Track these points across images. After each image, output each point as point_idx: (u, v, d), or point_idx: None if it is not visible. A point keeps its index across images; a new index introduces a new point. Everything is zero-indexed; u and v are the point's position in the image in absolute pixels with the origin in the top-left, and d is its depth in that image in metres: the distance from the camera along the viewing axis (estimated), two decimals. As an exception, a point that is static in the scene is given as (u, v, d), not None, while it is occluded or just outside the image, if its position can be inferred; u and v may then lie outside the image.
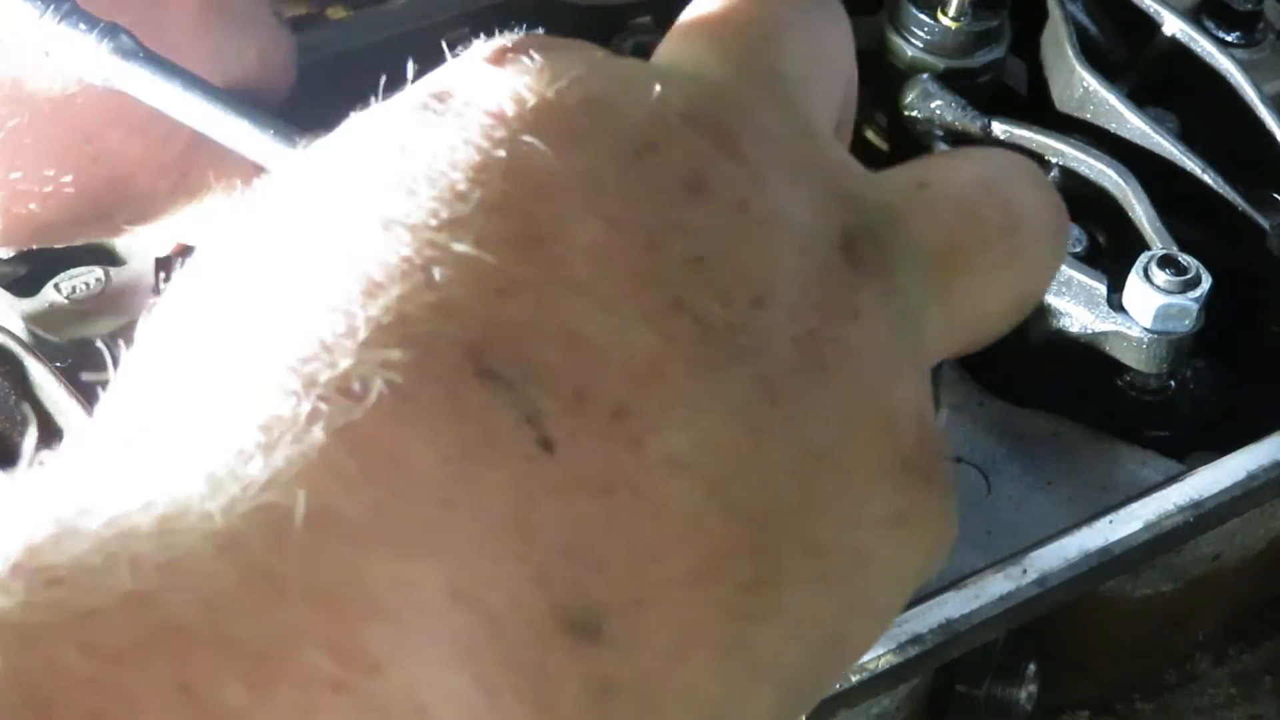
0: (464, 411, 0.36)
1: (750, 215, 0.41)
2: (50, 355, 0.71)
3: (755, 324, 0.40)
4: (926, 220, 0.44)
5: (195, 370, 0.38)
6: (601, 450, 0.37)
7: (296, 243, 0.39)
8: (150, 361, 0.39)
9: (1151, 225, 0.82)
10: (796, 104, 0.45)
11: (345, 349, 0.36)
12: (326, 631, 0.32)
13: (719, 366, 0.39)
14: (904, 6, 0.89)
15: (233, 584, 0.32)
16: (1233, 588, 0.86)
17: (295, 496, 0.34)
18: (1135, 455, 0.84)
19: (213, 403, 0.36)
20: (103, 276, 0.79)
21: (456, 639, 0.34)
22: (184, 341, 0.39)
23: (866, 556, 0.41)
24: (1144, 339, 0.79)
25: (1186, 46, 0.91)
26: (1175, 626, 0.86)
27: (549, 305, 0.38)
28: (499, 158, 0.40)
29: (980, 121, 0.87)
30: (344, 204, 0.40)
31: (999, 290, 0.46)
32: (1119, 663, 0.86)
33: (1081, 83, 0.88)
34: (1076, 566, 0.74)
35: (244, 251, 0.41)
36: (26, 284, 0.80)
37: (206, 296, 0.40)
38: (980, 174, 0.47)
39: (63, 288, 0.79)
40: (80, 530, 0.33)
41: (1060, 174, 0.87)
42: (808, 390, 0.40)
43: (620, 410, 0.38)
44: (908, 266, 0.43)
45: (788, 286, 0.41)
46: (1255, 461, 0.78)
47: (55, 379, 0.69)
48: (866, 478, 0.41)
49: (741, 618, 0.39)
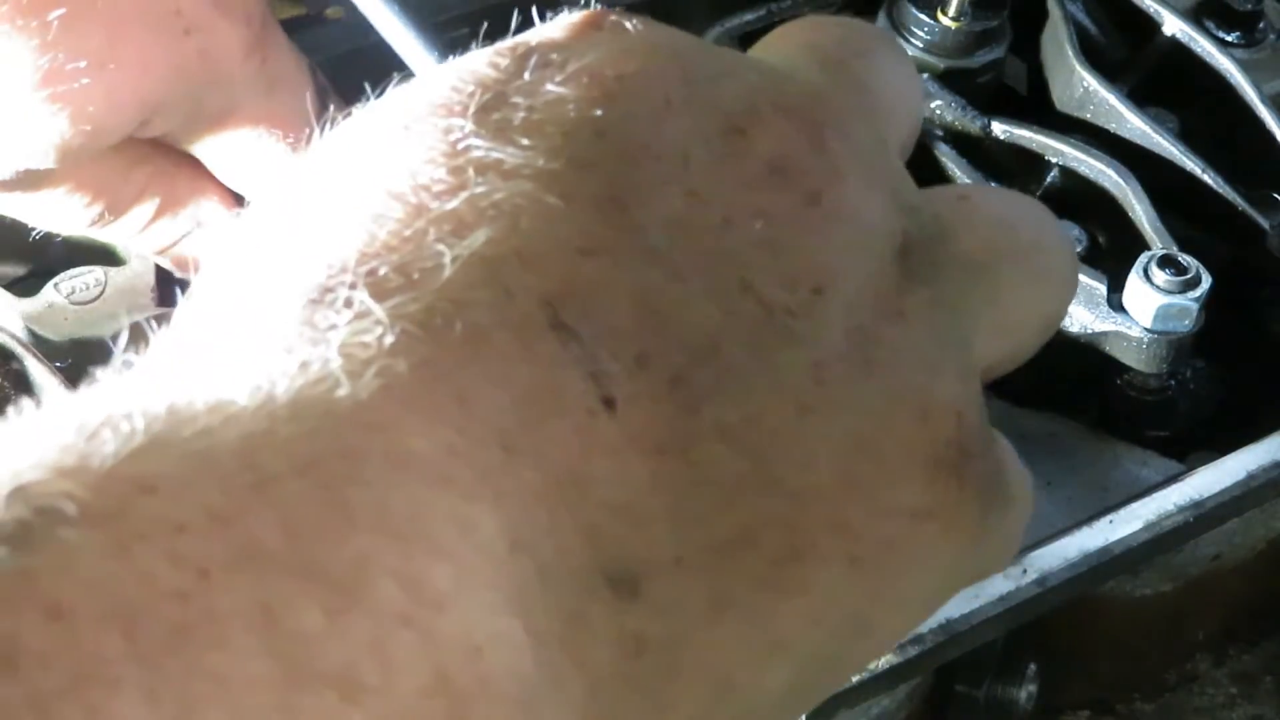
0: (535, 359, 0.37)
1: (822, 208, 0.42)
2: (50, 355, 0.71)
3: (813, 311, 0.41)
4: (970, 232, 0.46)
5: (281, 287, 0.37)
6: (657, 414, 0.38)
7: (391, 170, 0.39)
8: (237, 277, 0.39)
9: (1151, 225, 0.82)
10: (876, 115, 0.47)
11: (429, 284, 0.37)
12: (397, 565, 0.33)
13: (774, 347, 0.40)
14: (904, 6, 0.89)
15: (313, 510, 0.32)
16: (1233, 588, 0.86)
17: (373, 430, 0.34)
18: (1135, 455, 0.84)
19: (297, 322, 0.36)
20: (103, 277, 0.79)
21: (511, 584, 0.35)
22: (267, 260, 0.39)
23: (895, 546, 0.42)
24: (1144, 339, 0.79)
25: (1186, 46, 0.91)
26: (1175, 626, 0.86)
27: (623, 270, 0.39)
28: (594, 117, 0.40)
29: (980, 121, 0.87)
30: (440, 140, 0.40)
31: (1032, 302, 0.48)
32: (1119, 663, 0.86)
33: (1081, 83, 0.88)
34: (1076, 566, 0.74)
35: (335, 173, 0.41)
36: (26, 284, 0.80)
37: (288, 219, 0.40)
38: (1008, 197, 0.50)
39: (63, 288, 0.79)
40: (171, 442, 0.32)
41: (1060, 174, 0.87)
42: (853, 380, 0.41)
43: (678, 378, 0.39)
44: (955, 276, 0.45)
45: (846, 281, 0.42)
46: (1255, 461, 0.78)
47: (55, 379, 0.69)
48: (899, 469, 0.42)
49: (770, 589, 0.40)
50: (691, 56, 0.43)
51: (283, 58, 0.76)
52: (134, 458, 0.32)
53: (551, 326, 0.37)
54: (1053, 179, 0.87)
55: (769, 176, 0.42)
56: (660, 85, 0.42)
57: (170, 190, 0.78)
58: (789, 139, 0.42)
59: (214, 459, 0.32)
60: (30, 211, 0.75)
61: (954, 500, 0.42)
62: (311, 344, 0.35)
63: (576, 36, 0.43)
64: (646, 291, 0.39)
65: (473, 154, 0.39)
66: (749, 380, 0.40)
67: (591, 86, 0.41)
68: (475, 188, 0.38)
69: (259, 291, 0.38)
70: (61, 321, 0.77)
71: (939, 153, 0.86)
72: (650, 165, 0.41)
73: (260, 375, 0.34)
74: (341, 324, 0.36)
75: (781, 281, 0.41)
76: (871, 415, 0.41)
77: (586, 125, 0.40)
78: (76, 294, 0.78)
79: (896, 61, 0.49)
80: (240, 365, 0.35)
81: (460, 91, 0.41)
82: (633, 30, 0.43)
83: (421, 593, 0.33)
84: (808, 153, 0.43)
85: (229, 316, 0.38)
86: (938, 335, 0.44)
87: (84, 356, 0.74)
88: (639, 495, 0.38)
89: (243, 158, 0.77)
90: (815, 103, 0.44)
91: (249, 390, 0.34)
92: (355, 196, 0.39)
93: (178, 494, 0.32)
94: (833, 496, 0.40)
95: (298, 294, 0.37)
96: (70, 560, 0.30)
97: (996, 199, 0.49)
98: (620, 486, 0.38)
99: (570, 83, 0.41)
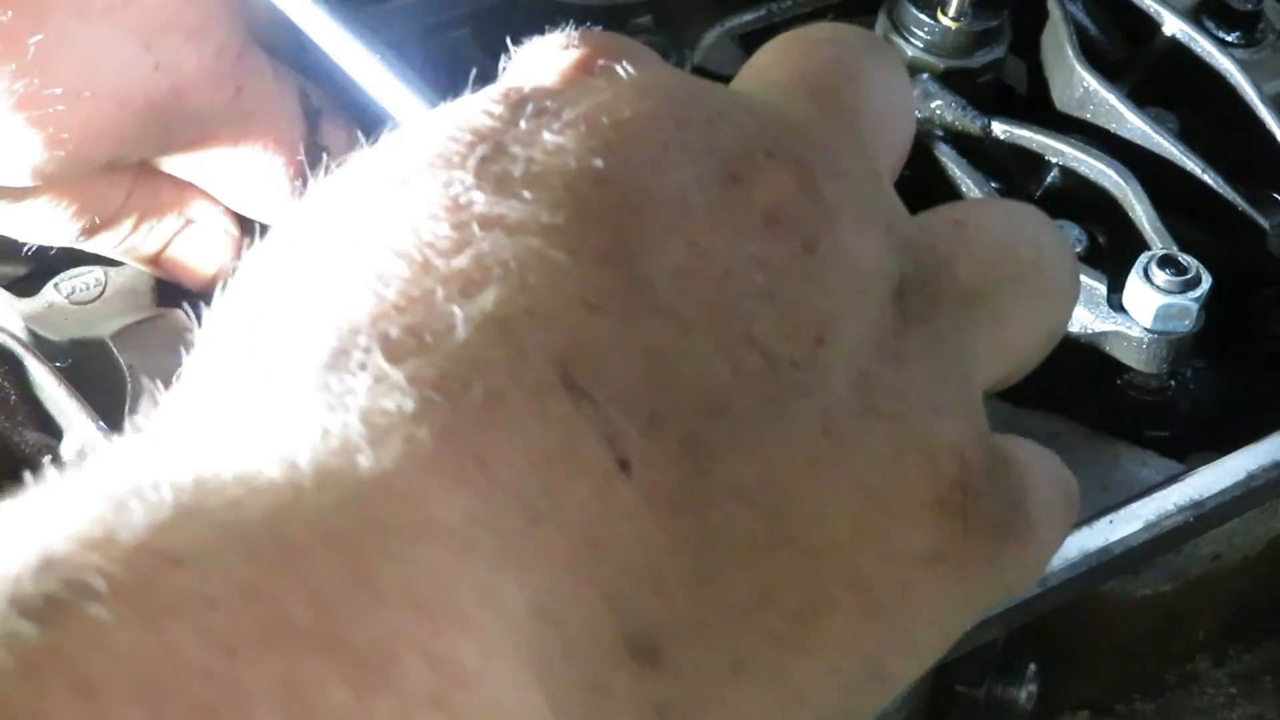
0: (551, 421, 0.37)
1: (819, 255, 0.42)
2: (50, 355, 0.71)
3: (817, 361, 0.41)
4: (968, 260, 0.46)
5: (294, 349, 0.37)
6: (672, 475, 0.38)
7: (393, 226, 0.39)
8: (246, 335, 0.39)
9: (1151, 225, 0.82)
10: (867, 143, 0.47)
11: (444, 346, 0.37)
12: (426, 641, 0.32)
13: (783, 401, 0.40)
14: (904, 6, 0.89)
15: (340, 583, 0.32)
16: (1233, 588, 0.86)
17: (399, 499, 0.34)
18: (1135, 455, 0.84)
19: (314, 387, 0.36)
20: (103, 277, 0.79)
21: (536, 657, 0.35)
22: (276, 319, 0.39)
23: (908, 592, 0.42)
24: (1144, 339, 0.79)
25: (1186, 46, 0.91)
26: (1175, 626, 0.86)
27: (631, 325, 0.39)
28: (595, 167, 0.40)
29: (980, 121, 0.87)
30: (442, 193, 0.40)
31: (1034, 321, 0.48)
32: (1119, 663, 0.86)
33: (1081, 83, 0.88)
34: (1076, 566, 0.74)
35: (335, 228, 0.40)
36: (26, 284, 0.80)
37: (293, 276, 0.40)
38: (1006, 213, 0.49)
39: (63, 288, 0.79)
40: (199, 513, 0.32)
41: (1060, 174, 0.87)
42: (859, 429, 0.41)
43: (690, 437, 0.39)
44: (954, 310, 0.45)
45: (846, 327, 0.42)
46: (1255, 461, 0.78)
47: (55, 379, 0.69)
48: (907, 516, 0.42)
49: (787, 646, 0.40)
50: (684, 99, 0.43)
51: (262, 87, 0.76)
52: (162, 530, 0.32)
53: (565, 387, 0.37)
54: (1053, 179, 0.87)
55: (766, 227, 0.42)
56: (656, 131, 0.42)
57: (154, 196, 0.78)
58: (783, 187, 0.42)
59: (242, 531, 0.32)
60: (17, 225, 0.76)
61: (962, 542, 0.42)
62: (330, 410, 0.35)
63: (570, 82, 0.43)
64: (655, 348, 0.39)
65: (475, 208, 0.39)
66: (759, 436, 0.40)
67: (589, 135, 0.41)
68: (480, 244, 0.38)
69: (271, 354, 0.38)
70: (61, 321, 0.77)
71: (939, 153, 0.85)
72: (652, 215, 0.40)
73: (283, 444, 0.34)
74: (360, 389, 0.35)
75: (784, 332, 0.41)
76: (878, 464, 0.41)
77: (587, 176, 0.40)
78: (76, 294, 0.78)
79: (888, 76, 0.49)
80: (262, 433, 0.35)
81: (458, 141, 0.41)
82: (625, 75, 0.43)
83: (450, 671, 0.32)
84: (802, 200, 0.42)
85: (243, 380, 0.38)
86: (938, 374, 0.44)
87: (84, 356, 0.74)
88: (658, 560, 0.38)
89: (222, 180, 0.77)
90: (807, 146, 0.44)
91: (273, 460, 0.34)
92: (359, 254, 0.39)
93: (206, 567, 0.31)
94: (846, 549, 0.40)
95: (312, 357, 0.37)
96: (98, 636, 0.29)
97: (994, 219, 0.48)
98: (640, 551, 0.37)
99: (568, 131, 0.41)
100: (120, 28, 0.71)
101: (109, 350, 0.71)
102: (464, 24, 0.87)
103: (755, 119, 0.44)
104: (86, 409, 0.68)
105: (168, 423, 0.37)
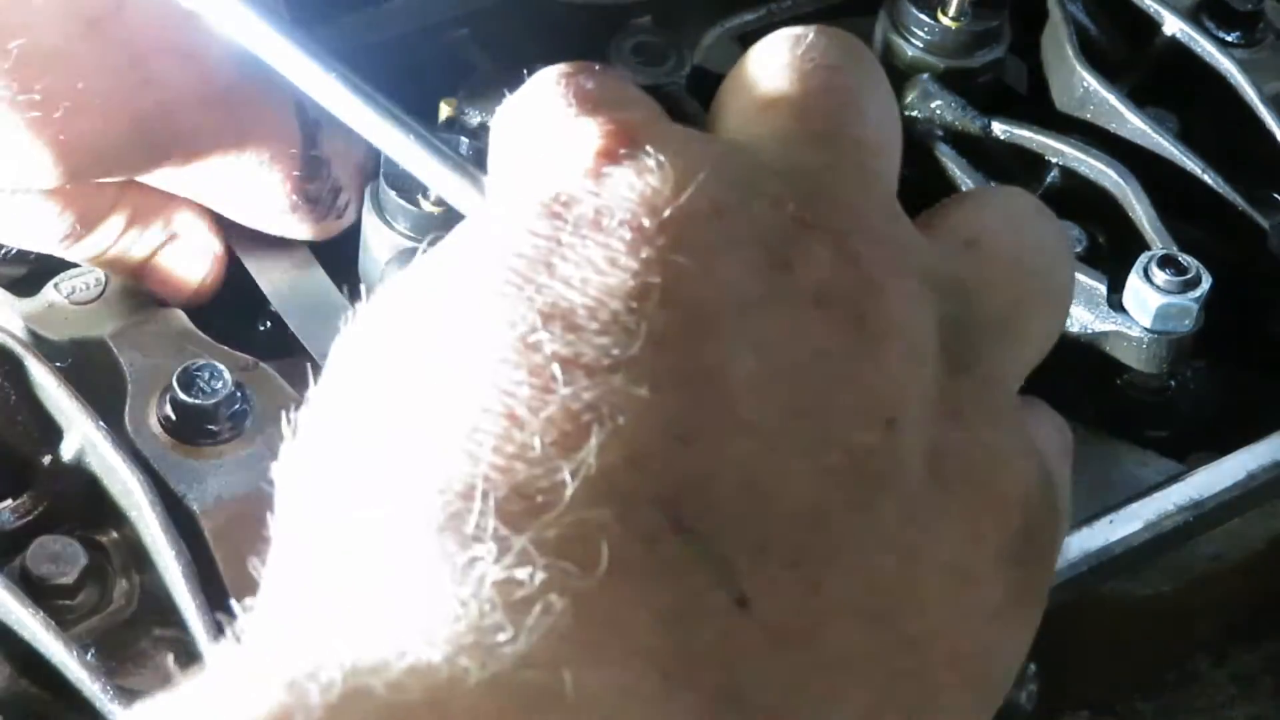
0: (669, 569, 0.37)
1: (869, 330, 0.42)
2: (50, 355, 0.71)
3: (891, 447, 0.41)
4: (991, 290, 0.46)
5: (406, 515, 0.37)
6: (787, 604, 0.38)
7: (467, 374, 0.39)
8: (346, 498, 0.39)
9: (1151, 225, 0.82)
10: (880, 174, 0.47)
11: (554, 505, 0.37)
12: None
13: (868, 498, 0.40)
14: (904, 6, 0.89)
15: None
16: (1233, 588, 0.85)
17: (547, 672, 0.34)
18: (1135, 455, 0.84)
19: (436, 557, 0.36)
20: (103, 277, 0.79)
21: None
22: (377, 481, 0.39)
23: (991, 651, 0.43)
24: (1144, 339, 0.79)
25: (1186, 46, 0.91)
26: (1175, 626, 0.86)
27: (725, 451, 0.39)
28: (653, 283, 0.40)
29: (980, 121, 0.87)
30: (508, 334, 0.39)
31: (1047, 328, 0.49)
32: (1119, 663, 0.86)
33: (1081, 83, 0.88)
34: (1076, 566, 0.74)
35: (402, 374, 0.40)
36: (26, 284, 0.80)
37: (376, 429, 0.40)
38: (1008, 214, 0.49)
39: (63, 288, 0.79)
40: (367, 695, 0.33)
41: (1060, 174, 0.87)
42: (939, 507, 0.42)
43: (797, 558, 0.39)
44: (990, 347, 0.46)
45: (910, 401, 0.42)
46: (1255, 461, 0.78)
47: (55, 379, 0.69)
48: (986, 577, 0.43)
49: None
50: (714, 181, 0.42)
51: (256, 112, 0.76)
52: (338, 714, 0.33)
53: (675, 530, 0.38)
54: (1053, 179, 0.87)
55: (816, 310, 0.42)
56: (699, 229, 0.41)
57: (141, 206, 0.78)
58: (824, 263, 0.42)
59: (411, 714, 0.33)
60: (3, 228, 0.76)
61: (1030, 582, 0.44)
62: (459, 584, 0.36)
63: (598, 177, 0.42)
64: (748, 470, 0.39)
65: (546, 348, 0.39)
66: (856, 541, 0.40)
67: (637, 245, 0.40)
68: (563, 389, 0.38)
69: (380, 521, 0.38)
70: (61, 321, 0.77)
71: (939, 153, 0.85)
72: (716, 326, 0.40)
73: (422, 621, 0.35)
74: (486, 558, 0.36)
75: (857, 422, 0.41)
76: (959, 536, 0.42)
77: (648, 296, 0.40)
78: (76, 294, 0.78)
79: (874, 86, 0.48)
80: (397, 609, 0.36)
81: (506, 267, 0.40)
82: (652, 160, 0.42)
83: None
84: (843, 272, 0.43)
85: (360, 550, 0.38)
86: (992, 418, 0.44)
87: (84, 356, 0.74)
88: (786, 694, 0.38)
89: (220, 193, 0.77)
90: (834, 207, 0.44)
91: (417, 638, 0.35)
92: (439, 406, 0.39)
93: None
94: (946, 631, 0.41)
95: (424, 523, 0.37)
96: None
97: (1001, 230, 0.48)
98: (769, 689, 0.38)
99: (613, 242, 0.41)
100: (105, 41, 0.71)
101: (109, 350, 0.71)
102: (464, 24, 0.87)
103: (781, 184, 0.44)
104: (86, 409, 0.68)
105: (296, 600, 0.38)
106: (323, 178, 0.78)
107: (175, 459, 0.68)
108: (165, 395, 0.69)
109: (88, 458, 0.68)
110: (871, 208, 0.45)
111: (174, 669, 0.66)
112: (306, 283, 0.79)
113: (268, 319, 0.81)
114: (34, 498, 0.70)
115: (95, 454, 0.68)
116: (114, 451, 0.67)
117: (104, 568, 0.68)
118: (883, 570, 0.40)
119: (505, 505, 0.37)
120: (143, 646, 0.67)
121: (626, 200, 0.41)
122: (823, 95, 0.47)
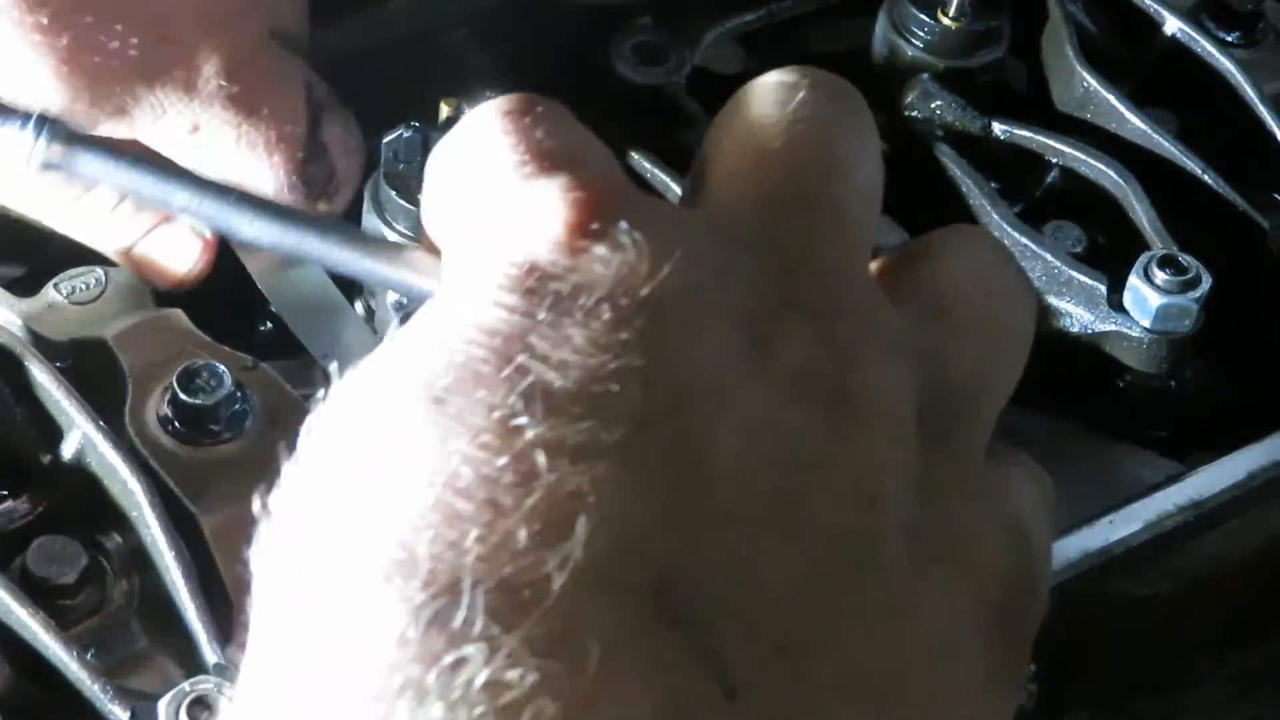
0: (660, 660, 0.37)
1: (848, 408, 0.42)
2: (50, 355, 0.71)
3: (872, 527, 0.41)
4: (963, 360, 0.46)
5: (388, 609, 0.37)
6: (775, 691, 0.38)
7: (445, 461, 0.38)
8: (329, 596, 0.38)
9: (1151, 225, 0.82)
10: (859, 242, 0.46)
11: (543, 600, 0.36)
12: None
13: (851, 581, 0.40)
14: (904, 6, 0.89)
15: None
16: (1233, 588, 0.85)
17: None
18: (1135, 455, 0.84)
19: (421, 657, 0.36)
20: (103, 277, 0.79)
21: None
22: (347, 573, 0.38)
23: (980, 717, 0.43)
24: (1144, 339, 0.79)
25: (1186, 46, 0.91)
26: (1175, 626, 0.85)
27: (711, 538, 0.39)
28: (635, 365, 0.39)
29: (980, 121, 0.87)
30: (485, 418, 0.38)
31: (1015, 371, 0.49)
32: (1119, 663, 0.86)
33: (1082, 83, 0.88)
34: (1076, 566, 0.74)
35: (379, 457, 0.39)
36: (26, 284, 0.79)
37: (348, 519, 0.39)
38: (973, 269, 0.48)
39: (63, 288, 0.79)
40: None
41: (1060, 174, 0.87)
42: (920, 590, 0.42)
43: (784, 644, 0.39)
44: (965, 416, 0.45)
45: (889, 480, 0.42)
46: (1255, 461, 0.78)
47: (55, 379, 0.69)
48: (968, 653, 0.43)
49: None
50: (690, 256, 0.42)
51: (268, 89, 0.76)
52: None
53: (662, 620, 0.37)
54: (1053, 179, 0.87)
55: (795, 388, 0.41)
56: (677, 307, 0.41)
57: None
58: (802, 341, 0.42)
59: None
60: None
61: (1013, 652, 0.44)
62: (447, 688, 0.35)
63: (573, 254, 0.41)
64: (734, 555, 0.39)
65: (528, 434, 0.38)
66: (841, 625, 0.40)
67: (615, 325, 0.40)
68: (547, 475, 0.37)
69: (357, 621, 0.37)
70: (61, 321, 0.77)
71: (939, 153, 0.85)
72: (698, 408, 0.40)
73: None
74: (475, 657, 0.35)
75: (838, 504, 0.41)
76: (941, 616, 0.42)
77: (631, 379, 0.39)
78: (76, 294, 0.78)
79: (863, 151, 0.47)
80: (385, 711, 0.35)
81: (482, 347, 0.39)
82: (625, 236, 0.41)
83: None
84: (821, 350, 0.42)
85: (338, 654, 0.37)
86: (969, 492, 0.44)
87: (84, 356, 0.74)
88: None
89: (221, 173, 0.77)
90: (812, 283, 0.43)
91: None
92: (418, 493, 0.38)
93: None
94: (931, 704, 0.41)
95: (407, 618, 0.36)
96: None
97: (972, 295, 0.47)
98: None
99: (593, 322, 0.40)
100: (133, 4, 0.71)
101: (109, 350, 0.71)
102: (464, 24, 0.87)
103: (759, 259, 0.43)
104: (86, 409, 0.68)
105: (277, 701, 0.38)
106: (321, 161, 0.78)
107: (175, 459, 0.68)
108: (165, 395, 0.69)
109: (88, 458, 0.68)
110: (850, 280, 0.45)
111: (174, 669, 0.66)
112: (306, 283, 0.79)
113: (268, 319, 0.81)
114: (34, 498, 0.70)
115: (95, 454, 0.68)
116: (114, 451, 0.67)
117: (104, 568, 0.68)
118: (869, 652, 0.40)
119: (490, 600, 0.36)
120: (142, 647, 0.67)
121: (604, 278, 0.40)
122: (809, 157, 0.46)
